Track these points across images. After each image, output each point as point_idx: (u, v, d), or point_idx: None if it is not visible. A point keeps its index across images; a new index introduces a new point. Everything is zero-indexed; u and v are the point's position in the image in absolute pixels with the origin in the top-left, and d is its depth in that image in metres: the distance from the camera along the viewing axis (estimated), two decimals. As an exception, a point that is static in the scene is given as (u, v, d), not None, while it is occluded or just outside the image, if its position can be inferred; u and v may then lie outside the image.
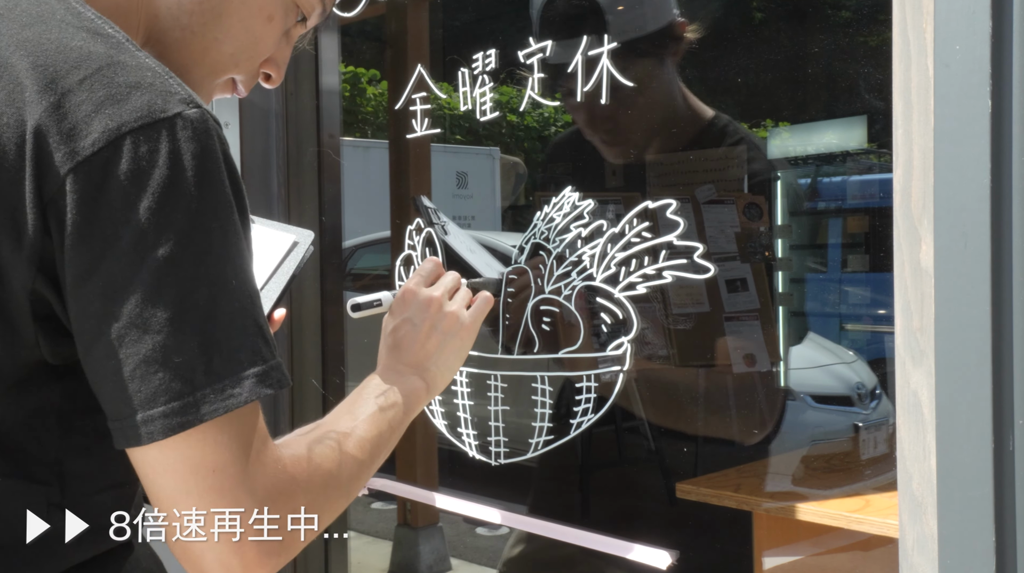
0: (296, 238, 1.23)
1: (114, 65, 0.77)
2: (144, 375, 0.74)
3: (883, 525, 1.33)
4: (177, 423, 0.75)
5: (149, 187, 0.74)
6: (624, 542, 1.51)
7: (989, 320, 0.87)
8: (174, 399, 0.75)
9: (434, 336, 1.14)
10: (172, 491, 0.77)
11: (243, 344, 0.78)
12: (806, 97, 2.03)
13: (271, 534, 0.80)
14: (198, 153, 0.76)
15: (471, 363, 1.70)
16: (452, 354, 1.15)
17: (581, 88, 1.49)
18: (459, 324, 1.16)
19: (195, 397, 0.75)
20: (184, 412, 0.75)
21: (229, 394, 0.77)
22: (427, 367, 1.12)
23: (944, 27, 0.90)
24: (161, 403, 0.75)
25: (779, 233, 1.88)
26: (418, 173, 2.40)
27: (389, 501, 3.36)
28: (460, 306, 1.17)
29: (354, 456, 0.93)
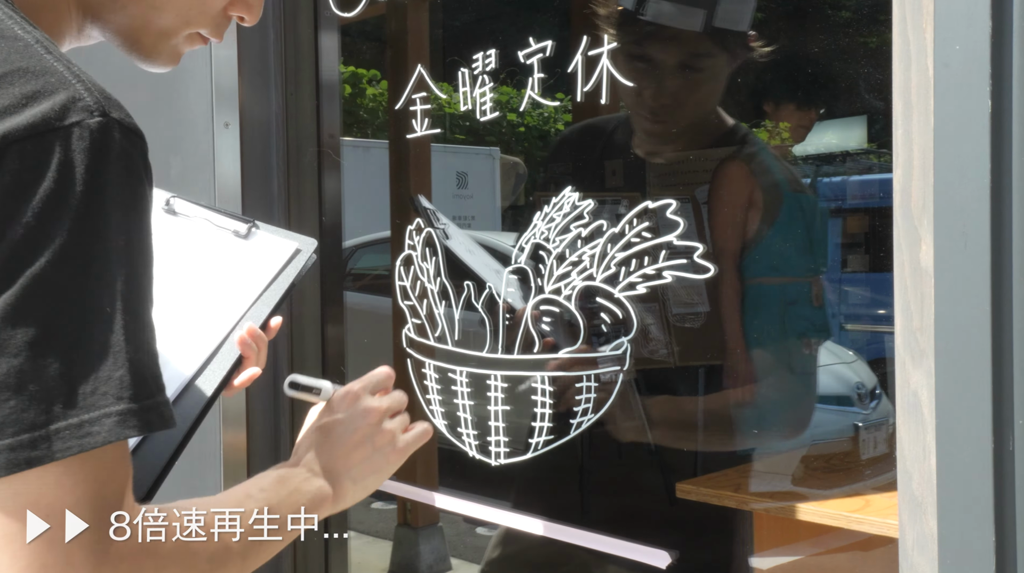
0: (299, 246, 1.20)
1: (13, 74, 0.71)
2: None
3: (883, 525, 1.33)
4: (24, 458, 0.66)
5: (31, 200, 0.68)
6: (624, 542, 1.51)
7: (989, 320, 0.87)
8: (24, 431, 0.67)
9: (364, 447, 1.05)
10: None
11: (111, 376, 0.70)
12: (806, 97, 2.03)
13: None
14: (92, 168, 0.70)
15: (471, 363, 1.70)
16: (373, 473, 1.07)
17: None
18: (392, 445, 1.08)
19: (48, 430, 0.67)
20: (34, 445, 0.67)
21: (87, 432, 0.68)
22: (342, 479, 1.03)
23: (944, 27, 0.90)
24: (8, 434, 0.66)
25: (779, 233, 1.88)
26: (418, 173, 2.40)
27: (389, 501, 3.36)
28: (397, 427, 1.09)
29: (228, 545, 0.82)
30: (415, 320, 1.79)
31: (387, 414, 1.08)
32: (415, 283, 1.79)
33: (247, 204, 1.94)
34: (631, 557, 1.49)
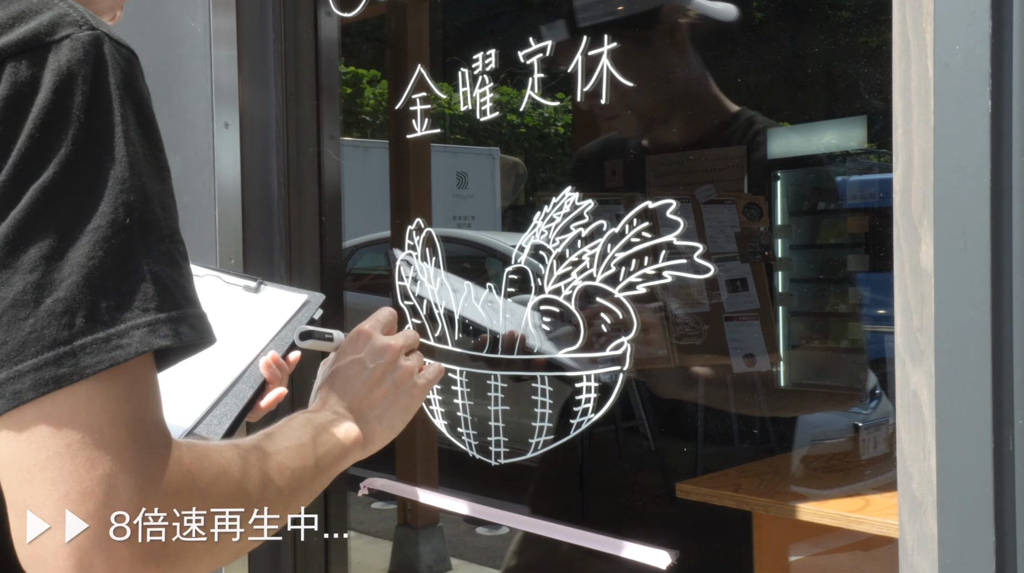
0: (308, 298, 1.23)
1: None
2: (12, 321, 0.63)
3: (883, 525, 1.33)
4: (51, 377, 0.62)
5: (31, 114, 0.66)
6: (624, 542, 1.51)
7: (989, 320, 0.87)
8: (47, 349, 0.63)
9: (384, 384, 1.02)
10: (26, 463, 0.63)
11: (136, 287, 0.66)
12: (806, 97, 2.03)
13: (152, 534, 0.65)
14: (88, 77, 0.68)
15: (471, 363, 1.70)
16: (398, 411, 1.03)
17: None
18: (412, 381, 1.05)
19: (73, 346, 0.63)
20: (59, 363, 0.63)
21: (116, 345, 0.64)
22: (368, 418, 1.00)
23: (944, 27, 0.90)
24: (32, 354, 0.62)
25: (779, 233, 1.88)
26: (418, 173, 2.40)
27: (389, 501, 3.36)
28: (416, 365, 1.07)
29: (272, 480, 0.78)
30: (415, 320, 1.79)
31: (402, 351, 1.06)
32: (415, 283, 1.79)
33: (247, 204, 1.94)
34: (631, 557, 1.49)
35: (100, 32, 0.70)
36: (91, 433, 0.63)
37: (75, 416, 0.63)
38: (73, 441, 0.63)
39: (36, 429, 0.63)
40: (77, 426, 0.63)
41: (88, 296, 0.64)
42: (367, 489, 1.99)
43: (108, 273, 0.65)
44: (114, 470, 0.63)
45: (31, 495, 0.63)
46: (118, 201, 0.67)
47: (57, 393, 0.63)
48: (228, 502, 0.72)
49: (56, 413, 0.63)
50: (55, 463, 0.62)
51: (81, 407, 0.63)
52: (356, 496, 2.07)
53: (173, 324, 0.67)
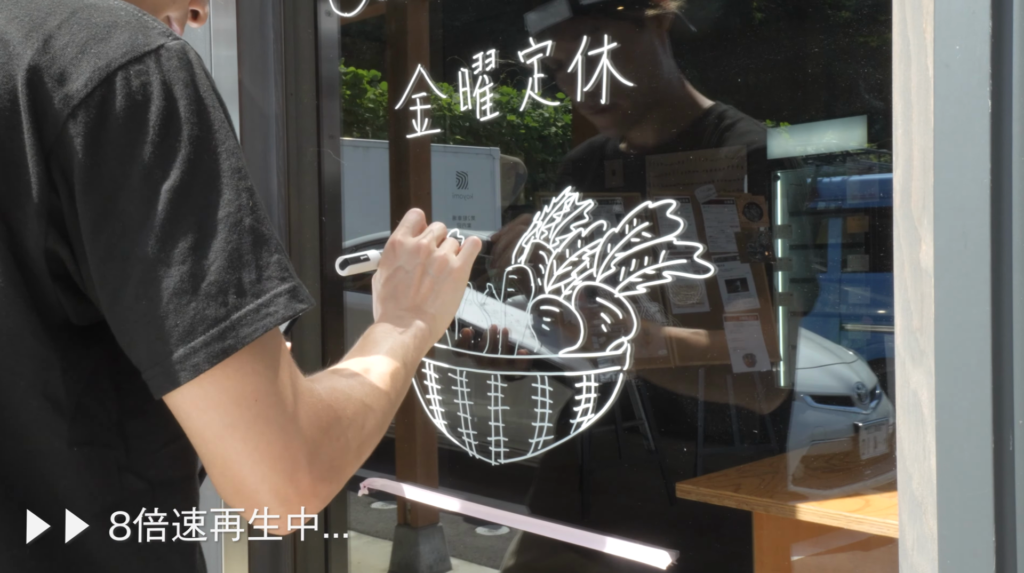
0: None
1: (87, 8, 0.77)
2: (177, 308, 0.73)
3: (883, 525, 1.33)
4: (220, 349, 0.73)
5: (149, 120, 0.74)
6: (624, 542, 1.51)
7: (989, 320, 0.87)
8: (212, 326, 0.73)
9: (426, 280, 1.14)
10: (218, 427, 0.75)
11: (269, 261, 0.77)
12: (806, 97, 2.03)
13: (322, 461, 0.79)
14: (189, 81, 0.76)
15: (471, 363, 1.70)
16: (447, 295, 1.15)
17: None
18: (449, 267, 1.16)
19: (231, 320, 0.74)
20: (223, 337, 0.73)
21: (265, 313, 0.75)
22: (425, 309, 1.13)
23: (944, 27, 0.90)
24: (200, 332, 0.73)
25: (779, 233, 1.88)
26: (418, 173, 2.40)
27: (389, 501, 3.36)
28: (449, 251, 1.18)
29: (381, 388, 0.93)
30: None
31: (434, 245, 1.17)
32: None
33: (247, 204, 1.94)
34: (631, 557, 1.49)
35: (183, 40, 0.79)
36: (259, 393, 0.75)
37: (245, 380, 0.75)
38: (246, 403, 0.74)
39: (217, 397, 0.74)
40: (247, 389, 0.75)
41: (234, 275, 0.75)
42: (367, 489, 1.99)
43: (245, 252, 0.76)
44: (283, 420, 0.76)
45: (223, 452, 0.75)
46: (239, 187, 0.77)
47: (227, 361, 0.73)
48: (358, 418, 0.86)
49: (229, 380, 0.74)
50: (241, 424, 0.74)
51: (250, 374, 0.75)
52: (356, 496, 2.07)
53: (302, 289, 0.79)
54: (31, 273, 0.76)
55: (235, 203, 0.76)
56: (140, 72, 0.74)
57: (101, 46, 0.74)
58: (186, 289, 0.73)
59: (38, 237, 0.75)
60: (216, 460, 0.76)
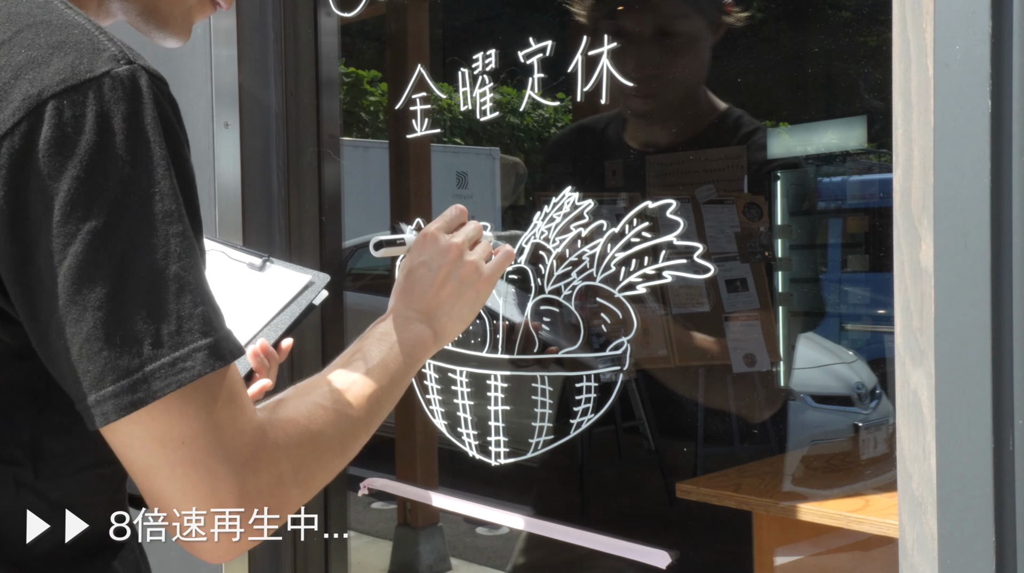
0: (312, 279, 1.24)
1: (36, 26, 0.72)
2: (90, 354, 0.70)
3: (883, 525, 1.33)
4: (128, 402, 0.70)
5: (76, 155, 0.69)
6: (624, 542, 1.51)
7: (989, 320, 0.87)
8: (123, 377, 0.70)
9: (450, 283, 1.08)
10: (144, 465, 0.73)
11: (192, 313, 0.73)
12: (806, 97, 2.03)
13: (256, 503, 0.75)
14: (129, 115, 0.71)
15: (471, 363, 1.70)
16: (466, 305, 1.09)
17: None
18: (477, 274, 1.09)
19: (144, 373, 0.70)
20: (134, 389, 0.70)
21: (181, 368, 0.71)
22: (438, 315, 1.07)
23: (944, 27, 0.90)
24: (109, 382, 0.70)
25: (779, 233, 1.88)
26: (418, 173, 2.40)
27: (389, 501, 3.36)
28: (480, 257, 1.11)
29: (349, 415, 0.88)
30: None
31: (466, 247, 1.10)
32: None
33: (247, 204, 1.94)
34: (631, 557, 1.49)
35: (137, 66, 0.72)
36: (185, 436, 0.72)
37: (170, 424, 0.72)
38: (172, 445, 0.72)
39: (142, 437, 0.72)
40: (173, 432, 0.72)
41: (152, 326, 0.71)
42: (367, 489, 1.99)
43: (167, 302, 0.72)
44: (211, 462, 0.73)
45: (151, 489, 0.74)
46: (169, 233, 0.72)
47: (141, 412, 0.71)
48: (315, 452, 0.82)
49: (154, 422, 0.72)
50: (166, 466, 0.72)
51: (179, 418, 0.72)
52: (356, 496, 2.07)
53: (226, 343, 0.75)
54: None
55: (162, 250, 0.72)
56: (75, 103, 0.69)
57: (37, 71, 0.70)
58: (99, 336, 0.70)
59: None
60: (145, 491, 0.75)
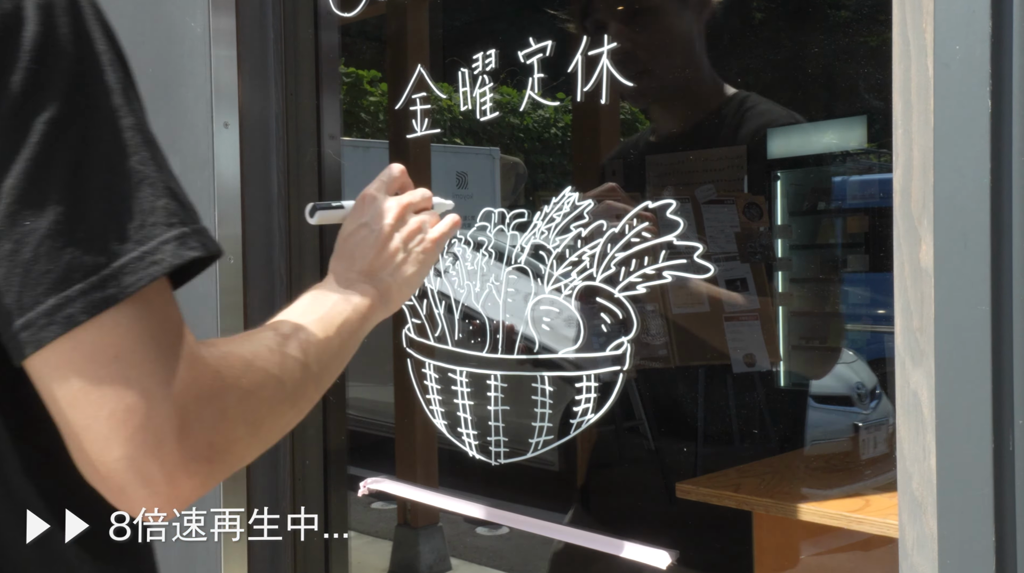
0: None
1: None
2: (50, 252, 0.65)
3: (883, 525, 1.33)
4: (100, 299, 0.65)
5: (22, 45, 0.66)
6: (624, 542, 1.51)
7: (989, 320, 0.87)
8: (91, 273, 0.65)
9: (391, 245, 1.04)
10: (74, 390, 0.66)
11: (155, 205, 0.69)
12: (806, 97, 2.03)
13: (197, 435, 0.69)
14: (68, 7, 0.69)
15: (471, 363, 1.70)
16: (411, 268, 1.05)
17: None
18: (420, 237, 1.07)
19: (113, 268, 0.66)
20: (103, 286, 0.65)
21: (150, 261, 0.67)
22: (381, 277, 1.02)
23: (944, 27, 0.90)
24: (77, 280, 0.65)
25: (779, 233, 1.88)
26: (418, 173, 2.40)
27: (389, 501, 3.36)
28: (425, 220, 1.08)
29: (296, 358, 0.82)
30: (415, 320, 1.79)
31: (410, 210, 1.07)
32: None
33: (247, 204, 1.94)
34: (631, 557, 1.49)
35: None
36: (121, 350, 0.66)
37: (110, 337, 0.66)
38: (114, 360, 0.66)
39: (76, 355, 0.66)
40: (117, 346, 0.66)
41: (115, 219, 0.67)
42: (367, 489, 1.99)
43: (129, 194, 0.68)
44: (152, 383, 0.67)
45: (80, 421, 0.66)
46: (124, 125, 0.69)
47: (103, 315, 0.65)
48: (260, 390, 0.76)
49: (99, 336, 0.66)
50: (95, 386, 0.66)
51: (112, 329, 0.66)
52: (356, 496, 2.07)
53: (198, 235, 0.70)
54: None
55: (118, 141, 0.69)
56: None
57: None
58: (61, 231, 0.65)
59: None
60: (73, 431, 0.67)
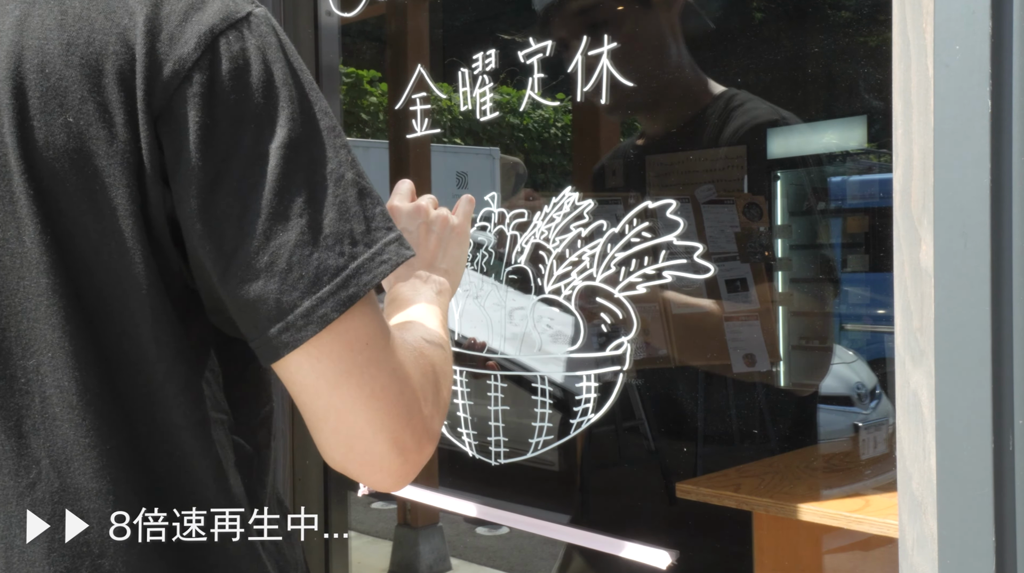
0: None
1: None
2: (301, 260, 0.74)
3: (883, 525, 1.33)
4: (346, 297, 0.74)
5: (252, 82, 0.76)
6: (624, 542, 1.51)
7: (989, 320, 0.87)
8: (336, 275, 0.75)
9: (432, 237, 1.16)
10: (333, 376, 0.75)
11: (375, 212, 0.79)
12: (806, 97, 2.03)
13: (431, 407, 0.80)
14: (277, 45, 0.79)
15: (471, 363, 1.70)
16: (455, 250, 1.18)
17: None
18: (450, 224, 1.18)
19: (352, 268, 0.75)
20: (347, 285, 0.75)
21: (380, 261, 0.77)
22: (437, 267, 1.14)
23: (944, 27, 0.90)
24: (326, 282, 0.74)
25: (779, 233, 1.88)
26: (418, 173, 2.40)
27: (389, 501, 3.36)
28: (445, 211, 1.20)
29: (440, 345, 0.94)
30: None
31: (430, 208, 1.19)
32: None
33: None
34: (631, 557, 1.49)
35: (265, 8, 0.81)
36: (372, 339, 0.76)
37: (360, 327, 0.76)
38: (359, 347, 0.75)
39: (336, 346, 0.75)
40: (363, 336, 0.76)
41: (346, 226, 0.77)
42: (367, 489, 1.99)
43: (352, 204, 0.78)
44: (394, 363, 0.77)
45: (339, 402, 0.75)
46: (337, 144, 0.79)
47: (351, 310, 0.75)
48: (436, 375, 0.86)
49: (347, 329, 0.75)
50: (356, 370, 0.75)
51: (362, 320, 0.76)
52: (356, 496, 2.07)
53: (405, 237, 0.81)
54: (158, 244, 0.77)
55: (336, 159, 0.78)
56: (238, 37, 0.76)
57: (200, 13, 0.76)
58: (307, 241, 0.74)
59: (158, 204, 0.76)
60: (330, 413, 0.76)
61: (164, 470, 0.79)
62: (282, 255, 0.74)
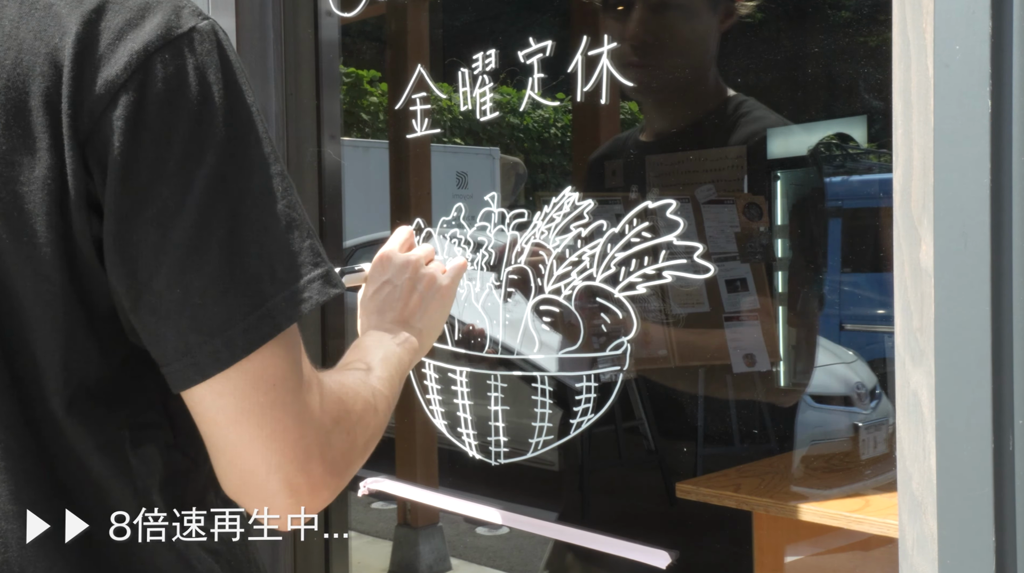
0: None
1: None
2: (215, 296, 0.72)
3: (883, 525, 1.33)
4: (258, 336, 0.73)
5: (184, 106, 0.73)
6: (624, 542, 1.51)
7: (989, 320, 0.87)
8: (250, 313, 0.73)
9: (415, 295, 1.14)
10: (233, 412, 0.74)
11: (302, 247, 0.77)
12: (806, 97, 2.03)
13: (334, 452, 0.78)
14: (219, 64, 0.75)
15: (472, 363, 1.70)
16: (435, 313, 1.16)
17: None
18: (437, 284, 1.17)
19: (267, 307, 0.74)
20: (259, 325, 0.73)
21: (300, 299, 0.75)
22: (412, 324, 1.12)
23: (944, 27, 0.90)
24: (238, 320, 0.72)
25: (779, 233, 1.88)
26: (418, 173, 2.40)
27: (389, 501, 3.36)
28: (437, 270, 1.18)
29: (381, 390, 0.93)
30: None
31: (422, 263, 1.18)
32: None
33: (247, 204, 1.94)
34: (631, 557, 1.49)
35: (212, 20, 0.78)
36: (280, 380, 0.75)
37: (268, 367, 0.74)
38: (264, 388, 0.74)
39: (240, 383, 0.73)
40: (270, 376, 0.74)
41: (269, 262, 0.75)
42: (367, 489, 1.99)
43: (279, 238, 0.75)
44: (298, 407, 0.75)
45: (236, 438, 0.74)
46: (271, 173, 0.76)
47: (262, 348, 0.73)
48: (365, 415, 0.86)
49: (254, 367, 0.74)
50: (257, 409, 0.74)
51: (272, 360, 0.74)
52: (356, 496, 2.07)
53: (333, 274, 0.79)
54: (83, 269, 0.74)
55: (268, 188, 0.75)
56: (175, 55, 0.73)
57: (136, 31, 0.73)
58: (223, 277, 0.72)
59: (83, 230, 0.73)
60: (227, 447, 0.75)
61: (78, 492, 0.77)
62: (194, 290, 0.72)
